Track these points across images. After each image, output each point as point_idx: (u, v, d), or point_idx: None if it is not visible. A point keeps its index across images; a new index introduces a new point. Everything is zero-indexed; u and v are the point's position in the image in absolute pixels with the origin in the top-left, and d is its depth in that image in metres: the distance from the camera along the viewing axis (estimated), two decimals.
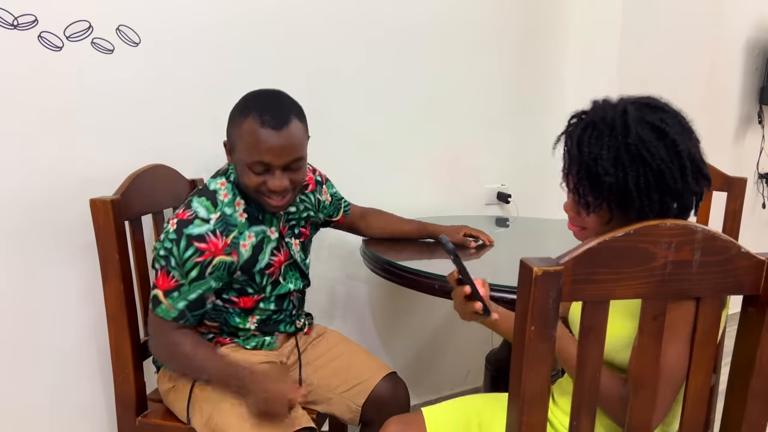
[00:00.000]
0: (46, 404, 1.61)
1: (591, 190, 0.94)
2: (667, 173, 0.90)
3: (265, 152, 1.21)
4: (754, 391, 0.86)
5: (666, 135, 0.91)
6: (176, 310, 1.25)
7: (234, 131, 1.24)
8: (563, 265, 0.76)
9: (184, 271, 1.22)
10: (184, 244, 1.21)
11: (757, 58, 3.13)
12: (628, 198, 0.92)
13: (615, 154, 0.91)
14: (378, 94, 2.02)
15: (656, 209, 0.92)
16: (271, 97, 1.26)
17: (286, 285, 1.42)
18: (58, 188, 1.52)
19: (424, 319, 2.33)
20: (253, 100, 1.25)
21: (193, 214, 1.24)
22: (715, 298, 0.83)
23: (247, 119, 1.21)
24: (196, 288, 1.24)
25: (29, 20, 1.42)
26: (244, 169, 1.24)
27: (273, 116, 1.21)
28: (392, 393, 1.46)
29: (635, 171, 0.90)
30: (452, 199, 2.29)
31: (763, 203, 3.41)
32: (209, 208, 1.25)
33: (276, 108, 1.23)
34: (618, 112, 0.93)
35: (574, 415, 0.83)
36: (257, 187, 1.25)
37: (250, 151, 1.21)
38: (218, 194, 1.28)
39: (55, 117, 1.49)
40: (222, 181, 1.31)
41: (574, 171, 0.96)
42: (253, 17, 1.73)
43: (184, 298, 1.24)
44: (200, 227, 1.22)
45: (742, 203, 1.85)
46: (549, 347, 0.77)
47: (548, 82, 2.45)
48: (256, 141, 1.20)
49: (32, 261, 1.52)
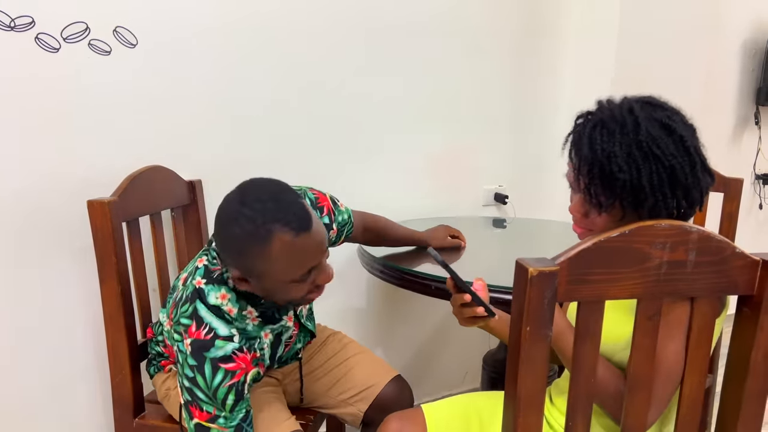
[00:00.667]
0: (44, 405, 1.60)
1: (604, 189, 0.94)
2: (678, 168, 0.91)
3: (312, 258, 1.05)
4: (749, 392, 0.86)
5: (674, 131, 0.92)
6: (231, 429, 1.08)
7: (258, 262, 1.02)
8: (558, 265, 0.76)
9: (218, 401, 1.05)
10: (210, 369, 1.04)
11: (753, 59, 3.14)
12: (641, 195, 0.92)
13: (628, 152, 0.91)
14: (376, 95, 2.02)
15: (669, 205, 0.93)
16: (276, 202, 1.01)
17: (295, 346, 1.36)
18: (56, 189, 1.52)
19: (422, 321, 2.34)
20: (259, 216, 1.00)
21: (211, 333, 1.05)
22: (710, 298, 0.83)
23: (273, 239, 0.99)
24: (240, 410, 1.09)
25: (26, 22, 1.42)
26: (288, 287, 1.06)
27: (297, 217, 1.01)
28: (398, 396, 1.45)
29: (648, 168, 0.91)
30: (449, 200, 2.29)
31: (760, 204, 3.42)
32: (226, 325, 1.07)
33: (292, 209, 1.02)
34: (625, 111, 0.94)
35: (570, 414, 0.83)
36: (306, 292, 1.09)
37: (296, 266, 1.03)
38: (222, 309, 1.09)
39: (53, 118, 1.49)
40: (222, 293, 1.10)
41: (586, 170, 0.95)
42: (252, 19, 1.73)
43: (235, 418, 1.09)
44: (225, 346, 1.05)
45: (738, 204, 1.86)
46: (544, 347, 0.77)
47: (546, 84, 2.45)
48: (300, 253, 1.02)
49: (29, 262, 1.52)
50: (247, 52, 1.74)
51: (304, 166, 1.89)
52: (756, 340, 0.84)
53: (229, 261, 1.06)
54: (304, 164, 1.90)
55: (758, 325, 0.83)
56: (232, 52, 1.71)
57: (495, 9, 2.23)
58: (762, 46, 3.12)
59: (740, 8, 2.99)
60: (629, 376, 0.84)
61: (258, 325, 1.16)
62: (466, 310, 1.03)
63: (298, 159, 1.88)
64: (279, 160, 1.80)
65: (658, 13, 2.43)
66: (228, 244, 1.03)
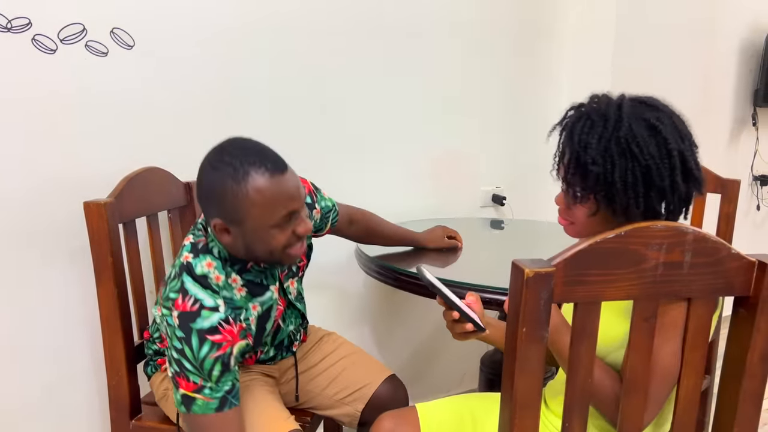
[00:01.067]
0: (41, 407, 1.60)
1: (578, 180, 0.96)
2: (654, 169, 0.91)
3: (289, 201, 1.08)
4: (746, 393, 0.86)
5: (658, 133, 0.92)
6: (216, 400, 1.08)
7: (236, 203, 1.06)
8: (554, 266, 0.76)
9: (205, 372, 1.06)
10: (196, 341, 1.05)
11: (750, 61, 3.14)
12: (612, 190, 0.93)
13: (605, 146, 0.92)
14: (374, 97, 2.02)
15: (641, 206, 0.93)
16: (250, 146, 1.09)
17: (286, 329, 1.36)
18: (52, 191, 1.52)
19: (420, 322, 2.34)
20: (235, 159, 1.06)
21: (197, 303, 1.07)
22: (706, 299, 0.83)
23: (249, 179, 1.04)
24: (226, 381, 1.09)
25: (23, 23, 1.42)
26: (266, 234, 1.08)
27: (273, 161, 1.07)
28: (392, 396, 1.46)
29: (623, 164, 0.92)
30: (447, 202, 2.29)
31: (757, 205, 3.42)
32: (213, 295, 1.09)
33: (267, 153, 1.09)
34: (613, 106, 0.95)
35: (567, 415, 0.83)
36: (286, 242, 1.11)
37: (273, 209, 1.06)
38: (209, 278, 1.11)
39: (49, 119, 1.49)
40: (208, 261, 1.13)
41: (566, 159, 0.98)
42: (249, 19, 1.73)
43: (220, 389, 1.09)
44: (210, 317, 1.07)
45: (735, 205, 1.86)
46: (541, 348, 0.77)
47: (544, 86, 2.46)
48: (276, 194, 1.06)
49: (26, 263, 1.52)
50: (244, 54, 1.74)
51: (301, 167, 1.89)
52: (752, 341, 0.84)
53: (212, 211, 1.10)
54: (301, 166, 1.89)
55: (754, 326, 0.83)
56: (229, 53, 1.71)
57: (493, 12, 2.23)
58: (759, 48, 3.12)
59: (737, 10, 3.00)
60: (626, 378, 0.84)
61: (245, 297, 1.17)
62: (456, 326, 1.04)
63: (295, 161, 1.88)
64: None
65: (655, 15, 2.43)
66: (209, 192, 1.08)
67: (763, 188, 3.42)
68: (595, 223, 0.99)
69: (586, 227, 1.01)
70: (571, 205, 1.00)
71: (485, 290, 1.35)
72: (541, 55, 2.42)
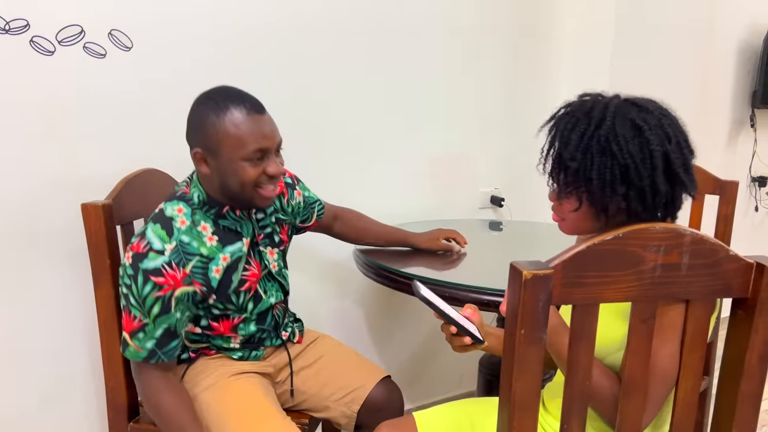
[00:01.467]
0: (39, 409, 1.60)
1: (560, 175, 0.97)
2: (632, 168, 0.91)
3: (261, 138, 1.18)
4: (744, 394, 0.86)
5: (641, 133, 0.91)
6: (145, 350, 1.18)
7: (214, 132, 1.17)
8: (553, 268, 0.76)
9: (145, 309, 1.15)
10: (142, 279, 1.14)
11: (749, 62, 3.15)
12: (590, 187, 0.94)
13: (587, 143, 0.93)
14: (372, 98, 2.02)
15: (621, 204, 0.94)
16: (236, 90, 1.22)
17: (267, 300, 1.37)
18: (50, 192, 1.52)
19: (418, 323, 2.33)
20: (220, 96, 1.19)
21: (147, 245, 1.16)
22: (705, 301, 0.83)
23: (227, 113, 1.16)
24: (162, 323, 1.18)
25: (21, 25, 1.42)
26: (238, 165, 1.18)
27: (252, 103, 1.19)
28: (387, 398, 1.46)
29: (602, 162, 0.92)
30: (445, 203, 2.29)
31: (756, 206, 3.43)
32: (164, 238, 1.17)
33: (248, 96, 1.21)
34: (600, 105, 0.95)
35: (565, 418, 0.83)
36: (256, 179, 1.20)
37: (245, 141, 1.16)
38: (175, 222, 1.20)
39: (47, 121, 1.49)
40: (179, 207, 1.23)
41: (550, 154, 0.99)
42: (248, 20, 1.73)
43: (151, 336, 1.18)
44: (155, 260, 1.15)
45: (734, 207, 1.86)
46: (539, 351, 0.77)
47: (542, 87, 2.46)
48: (249, 129, 1.16)
49: (24, 266, 1.52)
50: (242, 55, 1.74)
51: (298, 169, 1.89)
52: (750, 343, 0.84)
53: (194, 141, 1.21)
54: (298, 168, 1.89)
55: (753, 328, 0.84)
56: (226, 53, 1.71)
57: (493, 15, 2.24)
58: (757, 49, 3.13)
59: (735, 11, 3.00)
60: (624, 380, 0.84)
61: (216, 247, 1.23)
62: (455, 339, 1.04)
63: (293, 162, 1.88)
64: None
65: (654, 16, 2.44)
66: (193, 123, 1.21)
67: (762, 189, 3.42)
68: (581, 219, 0.99)
69: (576, 223, 1.01)
70: (560, 201, 1.01)
71: (484, 292, 1.35)
72: (540, 57, 2.43)
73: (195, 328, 1.32)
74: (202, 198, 1.24)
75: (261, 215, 1.37)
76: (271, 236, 1.39)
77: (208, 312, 1.29)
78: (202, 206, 1.24)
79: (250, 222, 1.32)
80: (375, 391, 1.44)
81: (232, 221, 1.27)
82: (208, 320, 1.31)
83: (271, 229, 1.40)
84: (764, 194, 3.45)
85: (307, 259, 2.00)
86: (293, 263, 1.96)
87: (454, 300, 1.38)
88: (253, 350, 1.41)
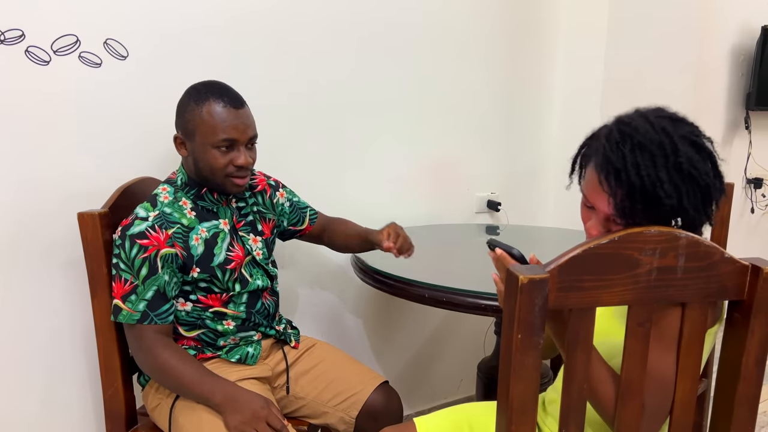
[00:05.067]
0: (37, 419, 1.59)
1: (644, 213, 0.90)
2: (712, 186, 0.90)
3: (231, 129, 1.28)
4: (741, 396, 0.87)
5: (701, 147, 0.90)
6: (138, 312, 1.25)
7: (192, 118, 1.28)
8: (549, 272, 0.76)
9: (134, 270, 1.24)
10: (129, 244, 1.24)
11: (742, 64, 3.16)
12: (687, 216, 0.90)
13: (677, 177, 0.88)
14: (367, 103, 2.03)
15: (704, 223, 0.92)
16: (221, 85, 1.32)
17: (254, 282, 1.42)
18: (46, 202, 1.52)
19: (416, 328, 2.33)
20: (204, 88, 1.30)
21: (133, 216, 1.28)
22: (701, 304, 0.84)
23: (206, 103, 1.27)
24: (151, 285, 1.25)
25: (16, 35, 1.42)
26: (208, 151, 1.29)
27: (231, 98, 1.30)
28: (386, 403, 1.46)
29: (688, 190, 0.88)
30: (442, 208, 2.29)
31: (751, 208, 3.44)
32: (148, 208, 1.30)
33: (230, 92, 1.31)
34: (659, 130, 0.90)
35: (563, 421, 0.83)
36: (224, 167, 1.30)
37: (216, 130, 1.27)
38: (158, 197, 1.33)
39: (43, 131, 1.49)
40: (164, 187, 1.36)
41: (630, 194, 0.90)
42: (242, 29, 1.73)
43: (142, 298, 1.25)
44: (140, 225, 1.26)
45: (729, 209, 1.87)
46: (536, 355, 0.77)
47: (536, 91, 2.46)
48: (222, 120, 1.27)
49: (21, 275, 1.52)
50: (234, 64, 1.74)
51: (294, 174, 1.89)
52: (747, 345, 0.84)
53: (177, 124, 1.34)
54: (294, 172, 1.89)
55: (749, 330, 0.84)
56: (219, 62, 1.72)
57: (485, 16, 2.24)
58: (750, 51, 3.15)
59: (728, 13, 3.02)
60: (622, 383, 0.84)
61: (195, 219, 1.34)
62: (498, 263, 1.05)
63: (288, 168, 1.88)
64: (270, 168, 1.80)
65: (647, 18, 2.45)
66: (177, 108, 1.33)
67: (757, 191, 3.43)
68: None
69: None
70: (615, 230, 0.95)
71: (481, 296, 1.35)
72: (534, 60, 2.43)
73: (186, 303, 1.35)
74: (184, 180, 1.36)
75: (242, 204, 1.46)
76: (253, 224, 1.47)
77: (195, 287, 1.35)
78: (184, 187, 1.36)
79: (228, 208, 1.41)
80: (373, 396, 1.44)
81: (209, 203, 1.38)
82: (197, 295, 1.35)
83: (253, 218, 1.47)
84: (760, 196, 3.46)
85: (304, 266, 2.00)
86: (290, 269, 1.96)
87: (453, 305, 1.38)
88: (249, 344, 1.42)
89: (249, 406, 1.23)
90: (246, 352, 1.41)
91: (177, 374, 1.25)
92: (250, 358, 1.41)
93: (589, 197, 0.96)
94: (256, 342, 1.44)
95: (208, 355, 1.39)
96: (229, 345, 1.41)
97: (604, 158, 0.92)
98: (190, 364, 1.27)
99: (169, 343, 1.29)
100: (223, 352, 1.40)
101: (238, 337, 1.41)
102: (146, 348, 1.26)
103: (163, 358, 1.25)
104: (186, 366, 1.26)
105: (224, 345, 1.40)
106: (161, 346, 1.26)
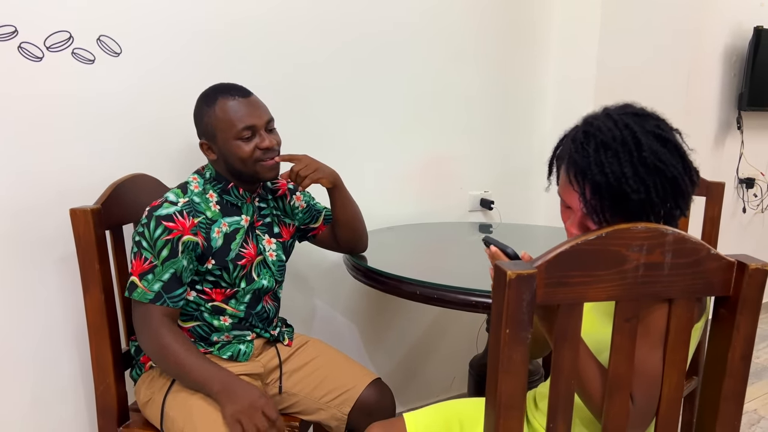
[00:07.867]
0: (28, 415, 1.59)
1: (613, 209, 0.92)
2: (680, 177, 0.91)
3: (247, 117, 1.33)
4: (727, 392, 0.87)
5: (666, 140, 0.92)
6: (152, 292, 1.27)
7: (209, 120, 1.34)
8: (536, 268, 0.77)
9: (156, 250, 1.26)
10: (154, 224, 1.26)
11: (734, 65, 3.18)
12: (656, 210, 0.91)
13: (642, 172, 0.89)
14: (362, 102, 2.03)
15: (676, 216, 0.93)
16: (225, 83, 1.39)
17: (260, 281, 1.43)
18: (39, 198, 1.51)
19: (409, 326, 2.34)
20: (212, 90, 1.37)
21: (163, 199, 1.31)
22: (687, 300, 0.84)
23: (217, 102, 1.33)
24: (169, 267, 1.28)
25: (9, 31, 1.41)
26: (233, 144, 1.33)
27: (238, 90, 1.36)
28: (378, 399, 1.47)
29: (655, 183, 0.89)
30: (435, 207, 2.30)
31: (743, 207, 3.46)
32: (179, 194, 1.33)
33: (235, 85, 1.38)
34: (622, 127, 0.92)
35: (551, 416, 0.84)
36: (251, 154, 1.34)
37: (233, 122, 1.32)
38: (189, 185, 1.37)
39: (36, 127, 1.48)
40: (195, 176, 1.40)
41: (596, 192, 0.92)
42: (236, 28, 1.73)
43: (159, 278, 1.27)
44: (168, 208, 1.29)
45: (720, 208, 1.88)
46: (524, 350, 0.78)
47: (529, 90, 2.47)
48: (235, 111, 1.33)
49: (12, 271, 1.51)
50: (228, 62, 1.75)
51: None
52: (732, 341, 0.85)
53: (198, 132, 1.39)
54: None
55: (734, 326, 0.85)
56: (214, 60, 1.72)
57: (478, 15, 2.25)
58: (742, 52, 3.16)
59: (720, 14, 3.04)
60: (609, 378, 0.85)
61: (219, 213, 1.37)
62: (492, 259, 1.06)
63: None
64: None
65: (640, 19, 2.46)
66: (195, 119, 1.39)
67: (749, 191, 3.45)
68: None
69: None
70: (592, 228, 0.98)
71: (472, 293, 1.36)
72: (526, 59, 2.44)
73: (190, 292, 1.37)
74: (212, 174, 1.40)
75: (263, 204, 1.48)
76: (270, 226, 1.49)
77: (204, 278, 1.36)
78: (211, 180, 1.40)
79: (251, 206, 1.44)
80: (366, 392, 1.45)
81: (234, 198, 1.41)
82: (203, 286, 1.37)
83: (271, 219, 1.49)
84: (752, 195, 3.48)
85: (297, 263, 2.00)
86: None
87: (444, 301, 1.39)
88: (242, 342, 1.42)
89: (246, 396, 1.23)
90: (238, 350, 1.41)
91: (178, 357, 1.26)
92: (242, 356, 1.41)
93: (564, 197, 1.00)
94: (248, 341, 1.44)
95: (200, 350, 1.39)
96: (222, 342, 1.41)
97: (570, 159, 0.95)
98: (191, 350, 1.28)
99: (174, 327, 1.30)
100: (215, 348, 1.40)
101: (232, 335, 1.42)
102: (152, 328, 1.28)
103: (166, 340, 1.27)
104: (187, 351, 1.27)
105: (217, 341, 1.40)
106: (167, 328, 1.28)
